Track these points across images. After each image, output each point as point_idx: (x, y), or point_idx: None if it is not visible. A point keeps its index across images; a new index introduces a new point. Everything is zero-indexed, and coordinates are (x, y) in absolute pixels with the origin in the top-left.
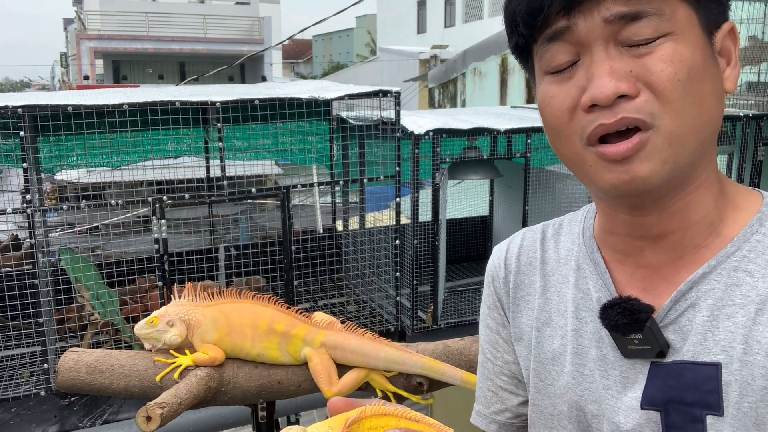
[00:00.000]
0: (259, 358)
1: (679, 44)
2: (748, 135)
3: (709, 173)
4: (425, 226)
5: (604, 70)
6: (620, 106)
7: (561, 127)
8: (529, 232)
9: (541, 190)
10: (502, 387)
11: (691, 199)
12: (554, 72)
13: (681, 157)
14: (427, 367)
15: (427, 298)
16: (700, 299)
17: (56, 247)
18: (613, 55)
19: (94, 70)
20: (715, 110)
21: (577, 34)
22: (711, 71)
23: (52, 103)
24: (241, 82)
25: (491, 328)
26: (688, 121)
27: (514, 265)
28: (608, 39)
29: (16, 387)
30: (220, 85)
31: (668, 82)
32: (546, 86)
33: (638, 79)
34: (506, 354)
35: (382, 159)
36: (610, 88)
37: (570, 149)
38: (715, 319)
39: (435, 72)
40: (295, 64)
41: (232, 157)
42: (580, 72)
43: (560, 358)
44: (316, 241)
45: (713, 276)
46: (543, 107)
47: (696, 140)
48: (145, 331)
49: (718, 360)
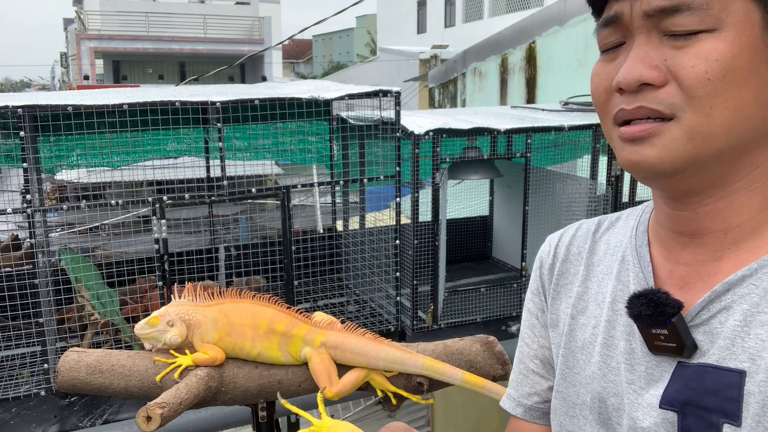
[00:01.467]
0: (259, 358)
1: (722, 42)
2: None
3: (757, 176)
4: (425, 226)
5: (638, 55)
6: (643, 94)
7: (599, 104)
8: (585, 223)
9: (541, 190)
10: (534, 371)
11: (732, 200)
12: (604, 51)
13: (703, 155)
14: (428, 367)
15: (427, 298)
16: (735, 302)
17: (56, 247)
18: (653, 43)
19: (94, 70)
20: (758, 115)
21: (624, 21)
22: (761, 76)
23: (52, 103)
24: (241, 82)
25: (531, 312)
26: (717, 121)
27: (563, 254)
28: (651, 28)
29: (16, 387)
30: (220, 85)
31: (696, 79)
32: (597, 63)
33: (670, 70)
34: (542, 338)
35: (382, 159)
36: (634, 75)
37: (605, 126)
38: (747, 324)
39: (435, 72)
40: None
41: (232, 157)
42: (622, 56)
43: (589, 348)
44: (316, 241)
45: (752, 280)
46: (591, 84)
47: (726, 142)
48: (145, 331)
49: (743, 368)
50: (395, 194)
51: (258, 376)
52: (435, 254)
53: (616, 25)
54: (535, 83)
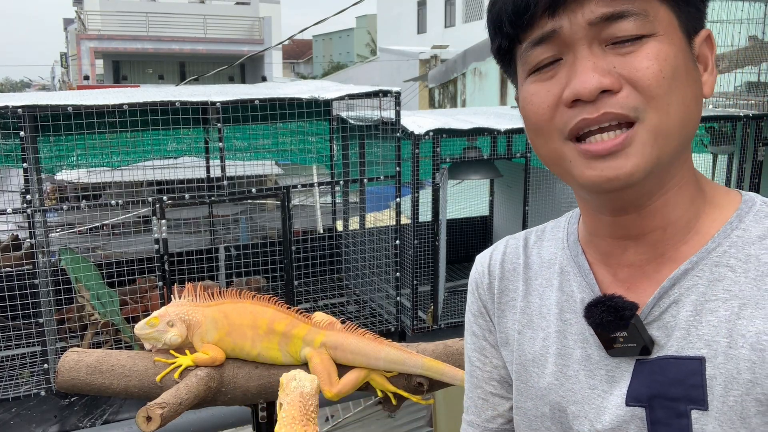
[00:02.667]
0: (260, 359)
1: (664, 44)
2: (748, 135)
3: (684, 172)
4: (425, 226)
5: (588, 66)
6: (603, 101)
7: (541, 123)
8: (511, 239)
9: (541, 190)
10: (492, 393)
11: (668, 197)
12: (536, 70)
13: (664, 154)
14: (428, 367)
15: (427, 298)
16: (683, 295)
17: (56, 247)
18: (597, 53)
19: (94, 70)
20: (696, 112)
21: (562, 36)
22: (692, 74)
23: (52, 103)
24: (242, 82)
25: (477, 335)
26: (674, 118)
27: (498, 272)
28: (592, 39)
29: (17, 387)
30: (220, 85)
31: (653, 78)
32: (528, 85)
33: (621, 75)
34: (494, 359)
35: (382, 159)
36: (594, 83)
37: (550, 146)
38: (698, 314)
39: (435, 72)
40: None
41: (232, 157)
42: (563, 71)
43: (541, 360)
44: (316, 241)
45: (695, 272)
46: (525, 105)
47: (679, 138)
48: (145, 331)
49: (701, 354)
50: (395, 194)
51: (258, 376)
52: (435, 254)
53: (551, 42)
54: None
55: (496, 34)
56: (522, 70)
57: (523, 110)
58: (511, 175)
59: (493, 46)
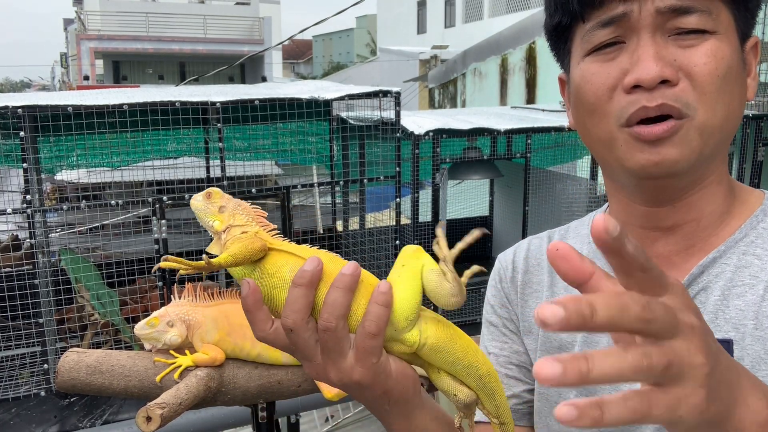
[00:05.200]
0: (259, 359)
1: (723, 43)
2: (748, 135)
3: (720, 170)
4: (425, 227)
5: (651, 54)
6: (661, 91)
7: (599, 104)
8: (534, 239)
9: (541, 191)
10: (508, 375)
11: (704, 192)
12: (596, 50)
13: (706, 149)
14: None
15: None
16: (711, 282)
17: (56, 248)
18: (660, 42)
19: (94, 70)
20: (739, 111)
21: (630, 20)
22: (741, 76)
23: (52, 104)
24: (242, 82)
25: (496, 324)
26: (719, 115)
27: (522, 266)
28: (657, 27)
29: (16, 387)
30: (220, 86)
31: (709, 75)
32: (587, 65)
33: (681, 68)
34: (515, 344)
35: (382, 159)
36: (656, 71)
37: (604, 128)
38: (726, 298)
39: (435, 72)
40: (295, 65)
41: (232, 157)
42: (624, 55)
43: (568, 347)
44: (316, 241)
45: (723, 260)
46: (582, 84)
47: (720, 135)
48: (145, 331)
49: (729, 337)
50: (395, 195)
51: (258, 377)
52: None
53: (618, 25)
54: (535, 83)
55: (558, 11)
56: (581, 49)
57: (580, 89)
58: (511, 175)
59: (551, 21)
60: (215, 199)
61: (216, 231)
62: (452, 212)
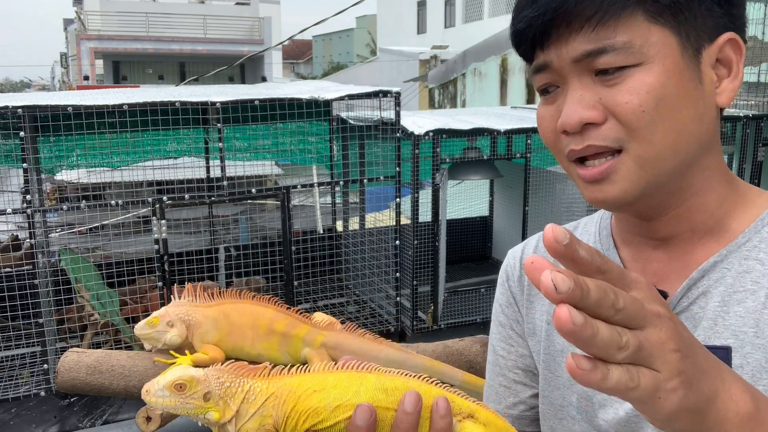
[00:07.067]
0: (260, 359)
1: (650, 74)
2: (748, 135)
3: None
4: (425, 227)
5: (574, 98)
6: (587, 132)
7: (550, 144)
8: None
9: (541, 191)
10: (515, 380)
11: (692, 203)
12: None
13: (658, 177)
14: (427, 367)
15: (427, 298)
16: (711, 287)
17: (56, 248)
18: (586, 84)
19: (94, 70)
20: (697, 129)
21: (554, 69)
22: (690, 95)
23: (52, 104)
24: (241, 82)
25: (504, 325)
26: (661, 146)
27: None
28: (582, 71)
29: (16, 387)
30: (220, 86)
31: (632, 113)
32: (539, 107)
33: (606, 107)
34: (520, 348)
35: (382, 159)
36: (575, 118)
37: (561, 163)
38: (726, 304)
39: (435, 72)
40: (295, 65)
41: (232, 157)
42: (561, 98)
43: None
44: (316, 241)
45: (724, 264)
46: (538, 125)
47: (675, 161)
48: (145, 331)
49: (728, 344)
50: (395, 195)
51: None
52: (435, 255)
53: (547, 71)
54: None
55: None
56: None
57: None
58: (511, 175)
59: None
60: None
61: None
62: (452, 212)
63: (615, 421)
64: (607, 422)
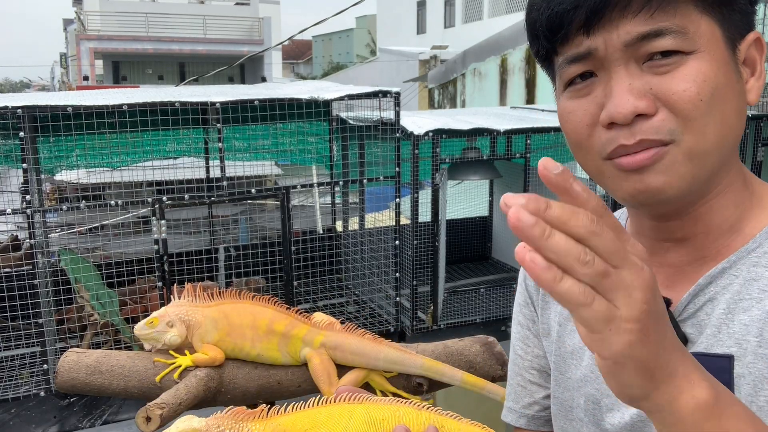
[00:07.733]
0: (259, 359)
1: (704, 62)
2: (747, 135)
3: (730, 178)
4: (425, 227)
5: (623, 87)
6: (638, 125)
7: (580, 141)
8: None
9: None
10: (531, 381)
11: (712, 204)
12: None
13: (701, 172)
14: (427, 367)
15: (426, 298)
16: (718, 294)
17: (56, 248)
18: (633, 72)
19: (93, 70)
20: (737, 124)
21: (597, 56)
22: (734, 87)
23: (52, 104)
24: (241, 82)
25: (522, 324)
26: (711, 138)
27: None
28: (629, 58)
29: (16, 387)
30: (219, 86)
31: (690, 102)
32: (565, 101)
33: (658, 97)
34: (536, 348)
35: (382, 159)
36: (628, 108)
37: (590, 162)
38: (731, 312)
39: (435, 72)
40: (295, 65)
41: (232, 157)
42: (599, 88)
43: (579, 352)
44: (315, 241)
45: (732, 271)
46: (563, 122)
47: (717, 155)
48: (144, 331)
49: (731, 352)
50: (395, 195)
51: (257, 377)
52: (435, 255)
53: (587, 61)
54: (535, 84)
55: (533, 41)
56: (560, 80)
57: (562, 125)
58: (510, 175)
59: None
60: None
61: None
62: (452, 212)
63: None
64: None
